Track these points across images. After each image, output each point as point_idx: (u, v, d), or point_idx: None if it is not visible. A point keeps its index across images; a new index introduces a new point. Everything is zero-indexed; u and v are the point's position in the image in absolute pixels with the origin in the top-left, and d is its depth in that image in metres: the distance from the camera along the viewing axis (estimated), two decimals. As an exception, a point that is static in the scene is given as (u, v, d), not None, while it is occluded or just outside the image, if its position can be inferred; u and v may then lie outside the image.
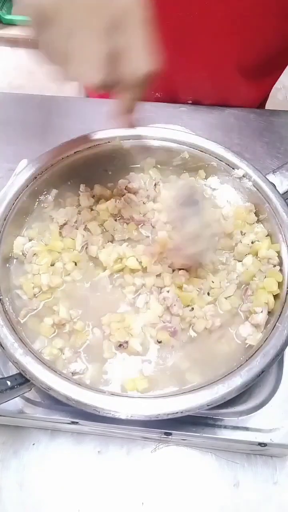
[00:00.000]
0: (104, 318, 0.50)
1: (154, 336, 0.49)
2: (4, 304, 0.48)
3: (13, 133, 0.79)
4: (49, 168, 0.58)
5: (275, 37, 0.73)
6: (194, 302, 0.51)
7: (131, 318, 0.50)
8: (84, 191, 0.60)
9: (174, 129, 0.63)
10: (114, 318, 0.50)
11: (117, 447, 0.51)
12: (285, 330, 0.45)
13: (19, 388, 0.43)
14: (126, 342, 0.48)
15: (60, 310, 0.50)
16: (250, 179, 0.57)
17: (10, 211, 0.54)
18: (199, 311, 0.50)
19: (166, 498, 0.49)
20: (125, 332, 0.49)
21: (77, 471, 0.50)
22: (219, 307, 0.51)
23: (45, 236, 0.56)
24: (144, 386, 0.45)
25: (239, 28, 0.70)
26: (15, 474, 0.50)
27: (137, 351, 0.48)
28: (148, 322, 0.50)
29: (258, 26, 0.69)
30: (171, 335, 0.49)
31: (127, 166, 0.63)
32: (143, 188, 0.61)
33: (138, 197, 0.59)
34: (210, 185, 0.61)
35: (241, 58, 0.76)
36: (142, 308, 0.51)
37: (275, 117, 0.82)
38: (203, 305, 0.51)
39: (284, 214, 0.53)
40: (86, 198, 0.59)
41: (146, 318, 0.50)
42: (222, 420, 0.47)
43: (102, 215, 0.58)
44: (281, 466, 0.50)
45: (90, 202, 0.59)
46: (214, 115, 0.82)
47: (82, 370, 0.47)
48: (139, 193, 0.60)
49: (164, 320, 0.50)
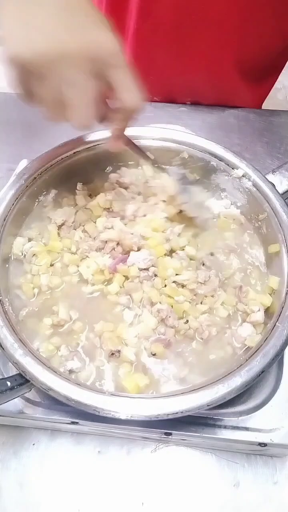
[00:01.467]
0: (97, 325, 0.50)
1: (148, 348, 0.49)
2: (4, 304, 0.48)
3: (13, 133, 0.79)
4: (48, 168, 0.58)
5: (273, 38, 0.73)
6: (189, 313, 0.50)
7: (124, 328, 0.50)
8: (81, 189, 0.60)
9: (174, 129, 0.63)
10: (106, 327, 0.50)
11: (117, 447, 0.51)
12: (285, 330, 0.45)
13: (19, 389, 0.43)
14: (118, 351, 0.48)
15: (60, 311, 0.50)
16: (250, 179, 0.57)
17: (9, 211, 0.54)
18: (194, 322, 0.50)
19: (166, 498, 0.48)
20: (117, 341, 0.49)
21: (77, 471, 0.50)
22: (216, 314, 0.51)
23: (44, 237, 0.56)
24: (146, 382, 0.45)
25: (238, 29, 0.70)
26: (15, 474, 0.50)
27: (130, 360, 0.48)
28: (142, 334, 0.49)
29: (257, 27, 0.69)
30: (165, 346, 0.48)
31: (126, 166, 0.63)
32: (135, 183, 0.61)
33: (129, 191, 0.60)
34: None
35: (239, 58, 0.76)
36: (134, 321, 0.51)
37: (275, 117, 0.82)
38: (198, 315, 0.50)
39: (283, 214, 0.53)
40: (83, 197, 0.59)
41: (139, 330, 0.50)
42: (222, 420, 0.47)
43: (95, 211, 0.58)
44: (281, 466, 0.50)
45: (86, 201, 0.59)
46: (214, 115, 0.82)
47: (79, 368, 0.47)
48: (130, 188, 0.60)
49: (158, 332, 0.49)
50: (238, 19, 0.68)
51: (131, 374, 0.47)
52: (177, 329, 0.49)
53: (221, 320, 0.51)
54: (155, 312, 0.50)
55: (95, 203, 0.58)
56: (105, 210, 0.58)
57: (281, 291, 0.49)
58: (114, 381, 0.47)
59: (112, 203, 0.58)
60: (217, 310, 0.51)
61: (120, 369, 0.48)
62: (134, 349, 0.49)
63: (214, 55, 0.75)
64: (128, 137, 0.52)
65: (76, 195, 0.60)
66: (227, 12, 0.67)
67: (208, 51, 0.74)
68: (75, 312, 0.51)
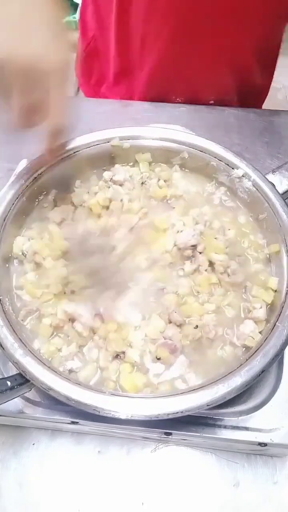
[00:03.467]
0: (101, 327, 0.49)
1: (153, 352, 0.48)
2: (4, 304, 0.48)
3: (13, 133, 0.78)
4: (48, 168, 0.58)
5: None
6: (197, 312, 0.50)
7: (130, 329, 0.49)
8: (79, 187, 0.61)
9: (174, 129, 0.63)
10: (111, 327, 0.49)
11: (117, 447, 0.51)
12: (285, 330, 0.45)
13: (19, 389, 0.43)
14: (123, 352, 0.48)
15: (59, 311, 0.50)
16: (250, 179, 0.57)
17: (9, 211, 0.54)
18: (200, 321, 0.49)
19: (166, 498, 0.48)
20: (122, 342, 0.48)
21: (77, 471, 0.50)
22: (225, 312, 0.51)
23: (44, 236, 0.56)
24: (143, 380, 0.45)
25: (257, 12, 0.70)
26: (15, 474, 0.50)
27: (134, 361, 0.47)
28: (149, 337, 0.49)
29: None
30: (171, 352, 0.48)
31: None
32: (129, 180, 0.61)
33: (124, 189, 0.60)
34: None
35: (260, 45, 0.77)
36: (142, 323, 0.50)
37: (275, 117, 0.82)
38: (203, 313, 0.50)
39: (283, 214, 0.53)
40: (81, 195, 0.59)
41: (147, 331, 0.49)
42: (222, 420, 0.47)
43: (94, 209, 0.58)
44: (281, 466, 0.50)
45: (84, 199, 0.59)
46: (214, 115, 0.82)
47: (79, 368, 0.47)
48: (125, 185, 0.60)
49: (165, 336, 0.49)
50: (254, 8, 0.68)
51: (130, 374, 0.47)
52: (185, 334, 0.49)
53: (227, 319, 0.51)
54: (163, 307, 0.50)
55: (95, 201, 0.58)
56: (104, 208, 0.58)
57: (281, 291, 0.49)
58: (115, 381, 0.47)
59: (111, 201, 0.58)
60: (226, 309, 0.51)
61: (121, 368, 0.47)
62: (139, 351, 0.48)
63: (234, 46, 0.75)
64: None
65: (73, 192, 0.60)
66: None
67: (228, 43, 0.75)
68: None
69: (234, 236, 0.57)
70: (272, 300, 0.50)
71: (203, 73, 0.80)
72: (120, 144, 0.61)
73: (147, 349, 0.49)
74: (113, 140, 0.61)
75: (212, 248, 0.54)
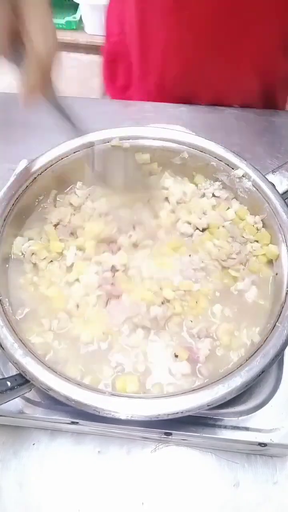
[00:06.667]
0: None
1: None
2: (4, 304, 0.48)
3: (13, 133, 0.79)
4: (48, 168, 0.58)
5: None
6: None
7: (146, 344, 0.49)
8: (80, 189, 0.60)
9: (174, 129, 0.63)
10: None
11: (117, 447, 0.51)
12: (285, 330, 0.45)
13: (19, 389, 0.43)
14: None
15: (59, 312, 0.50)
16: (250, 179, 0.57)
17: (9, 211, 0.54)
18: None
19: (166, 498, 0.48)
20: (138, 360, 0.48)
21: (77, 471, 0.50)
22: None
23: (43, 237, 0.56)
24: (134, 389, 0.45)
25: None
26: (15, 474, 0.50)
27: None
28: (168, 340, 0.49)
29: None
30: (189, 358, 0.47)
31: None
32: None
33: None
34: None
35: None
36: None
37: (275, 117, 0.82)
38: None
39: (283, 214, 0.53)
40: (82, 197, 0.59)
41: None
42: (222, 420, 0.47)
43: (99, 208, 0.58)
44: (281, 466, 0.50)
45: (85, 201, 0.59)
46: (214, 115, 0.82)
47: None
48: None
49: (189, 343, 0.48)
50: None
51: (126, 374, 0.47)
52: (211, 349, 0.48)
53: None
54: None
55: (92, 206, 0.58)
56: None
57: (281, 291, 0.49)
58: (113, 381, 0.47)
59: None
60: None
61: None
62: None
63: (260, 40, 0.74)
64: (48, 92, 0.45)
65: (73, 194, 0.60)
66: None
67: (253, 38, 0.74)
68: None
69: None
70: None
71: (228, 76, 0.80)
72: (120, 144, 0.61)
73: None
74: (113, 140, 0.61)
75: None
